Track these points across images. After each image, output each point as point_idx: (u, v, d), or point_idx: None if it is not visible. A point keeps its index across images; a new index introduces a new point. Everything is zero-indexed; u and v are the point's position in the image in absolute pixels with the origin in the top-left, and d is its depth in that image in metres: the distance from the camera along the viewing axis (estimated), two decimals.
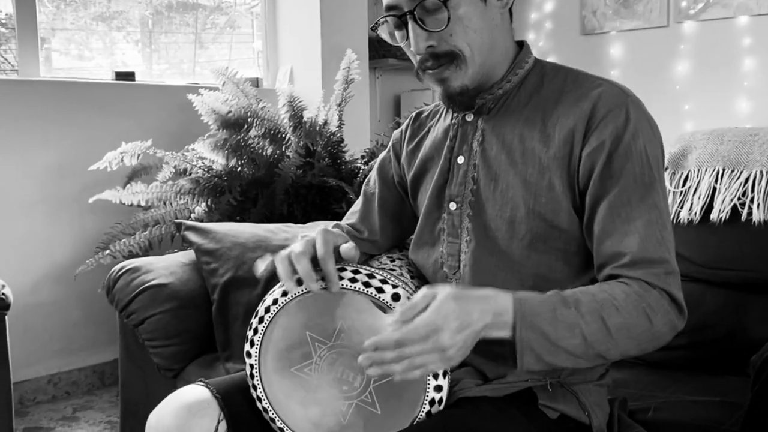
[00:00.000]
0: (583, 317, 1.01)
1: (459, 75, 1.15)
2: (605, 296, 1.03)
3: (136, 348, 1.84)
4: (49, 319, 2.85)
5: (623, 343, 1.03)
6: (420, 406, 1.07)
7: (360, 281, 1.07)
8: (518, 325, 1.00)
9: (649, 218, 1.07)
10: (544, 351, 1.00)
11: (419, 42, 1.13)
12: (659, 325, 1.04)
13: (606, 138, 1.09)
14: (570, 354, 1.02)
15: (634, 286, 1.04)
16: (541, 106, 1.17)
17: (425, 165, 1.31)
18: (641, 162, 1.09)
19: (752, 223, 1.54)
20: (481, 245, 1.19)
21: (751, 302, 1.57)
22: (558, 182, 1.12)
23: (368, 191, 1.43)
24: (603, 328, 1.01)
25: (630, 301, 1.02)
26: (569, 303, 1.02)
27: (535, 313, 1.00)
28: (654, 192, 1.08)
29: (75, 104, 2.83)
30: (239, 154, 2.59)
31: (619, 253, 1.07)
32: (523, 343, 1.00)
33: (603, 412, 1.22)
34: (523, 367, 1.01)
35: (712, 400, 1.38)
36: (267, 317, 1.12)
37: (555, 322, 1.00)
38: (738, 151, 1.59)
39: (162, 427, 1.16)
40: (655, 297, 1.04)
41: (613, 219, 1.08)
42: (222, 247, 1.82)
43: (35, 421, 2.66)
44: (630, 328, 1.02)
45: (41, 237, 2.80)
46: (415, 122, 1.37)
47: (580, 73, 1.19)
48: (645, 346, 1.05)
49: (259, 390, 1.15)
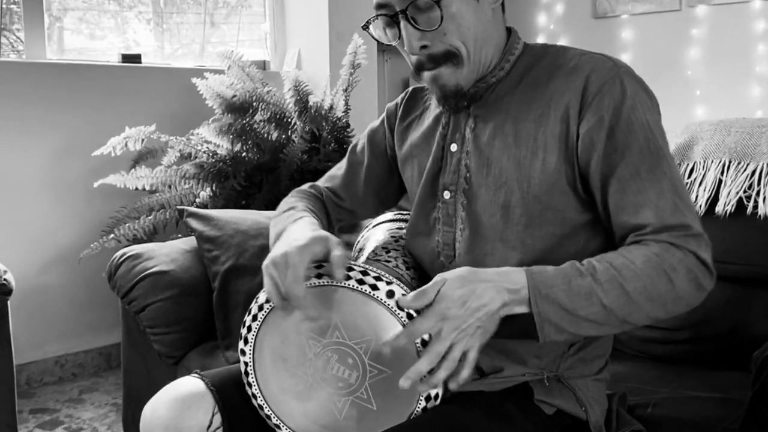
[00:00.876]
0: (600, 285, 1.01)
1: (455, 75, 1.14)
2: (623, 261, 1.02)
3: (138, 334, 1.85)
4: (55, 301, 2.87)
5: (646, 306, 1.02)
6: (416, 402, 1.06)
7: (354, 278, 1.06)
8: (533, 299, 1.00)
9: (661, 188, 1.05)
10: (564, 321, 1.01)
11: (412, 41, 1.12)
12: (682, 284, 1.02)
13: (604, 113, 1.08)
14: (592, 322, 1.02)
15: (655, 248, 1.03)
16: (532, 86, 1.15)
17: (413, 150, 1.30)
18: (644, 132, 1.07)
19: (758, 217, 1.52)
20: (475, 233, 1.18)
21: (756, 297, 1.55)
22: (554, 160, 1.11)
23: (355, 159, 1.41)
24: (622, 294, 1.01)
25: (650, 264, 1.01)
26: (584, 272, 1.02)
27: (549, 285, 1.01)
28: (662, 160, 1.07)
29: (81, 87, 2.83)
30: (244, 138, 2.58)
31: (638, 225, 1.06)
32: (541, 316, 1.00)
33: (601, 407, 1.21)
34: (545, 339, 1.02)
35: (713, 396, 1.36)
36: (261, 315, 1.11)
37: (570, 292, 1.00)
38: (745, 142, 1.57)
39: (156, 419, 1.16)
40: (678, 257, 1.02)
41: (625, 193, 1.06)
42: (224, 234, 1.81)
43: (42, 402, 2.69)
44: (650, 291, 1.01)
45: (47, 220, 2.81)
46: (411, 99, 1.35)
47: (568, 48, 1.18)
48: (670, 308, 1.04)
49: (254, 387, 1.14)
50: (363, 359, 1.07)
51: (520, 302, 1.01)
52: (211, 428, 1.16)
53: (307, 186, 1.45)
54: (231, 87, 2.67)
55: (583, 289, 1.01)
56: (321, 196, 1.41)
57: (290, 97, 2.71)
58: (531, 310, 1.01)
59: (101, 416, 2.56)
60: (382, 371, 1.06)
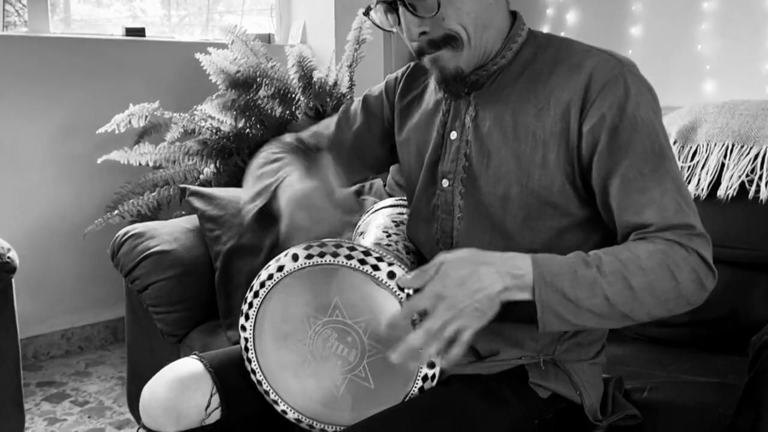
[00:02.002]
0: (605, 277, 1.00)
1: (454, 57, 1.13)
2: (628, 255, 1.02)
3: (141, 312, 1.86)
4: (62, 275, 2.89)
5: (648, 302, 1.02)
6: (413, 381, 1.08)
7: (356, 258, 1.07)
8: (537, 286, 0.99)
9: (665, 188, 1.05)
10: (566, 311, 1.00)
11: (411, 28, 1.11)
12: (685, 282, 1.02)
13: (606, 111, 1.07)
14: (593, 313, 1.01)
15: (660, 245, 1.02)
16: (534, 78, 1.14)
17: (411, 133, 1.29)
18: (648, 131, 1.06)
19: (759, 201, 1.51)
20: (473, 222, 1.18)
21: (756, 281, 1.55)
22: (553, 157, 1.10)
23: (346, 121, 1.39)
24: (626, 288, 1.00)
25: (654, 259, 1.01)
26: (590, 263, 1.01)
27: (554, 274, 1.00)
28: (665, 160, 1.06)
29: (84, 61, 2.82)
30: (248, 114, 2.57)
31: (641, 224, 1.05)
32: (543, 303, 1.00)
33: (596, 391, 1.22)
34: (545, 328, 1.01)
35: (709, 380, 1.37)
36: (262, 292, 1.12)
37: (575, 282, 1.00)
38: (749, 125, 1.55)
39: (155, 400, 1.18)
40: (682, 254, 1.02)
41: (628, 192, 1.06)
42: (226, 213, 1.82)
43: (49, 375, 2.72)
44: (654, 287, 1.01)
45: (52, 194, 2.82)
46: (411, 76, 1.33)
47: (573, 42, 1.16)
48: (672, 306, 1.03)
49: (253, 363, 1.15)
50: (362, 338, 1.09)
51: (523, 288, 1.00)
52: (209, 409, 1.18)
53: (291, 138, 1.42)
54: (234, 62, 2.65)
55: (588, 280, 1.00)
56: (306, 150, 1.38)
57: (294, 72, 2.69)
58: (533, 297, 1.00)
59: (107, 389, 2.59)
60: (380, 351, 1.08)
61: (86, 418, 2.38)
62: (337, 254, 1.08)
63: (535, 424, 1.14)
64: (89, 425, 2.33)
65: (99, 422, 2.35)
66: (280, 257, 1.12)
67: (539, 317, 1.01)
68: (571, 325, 1.02)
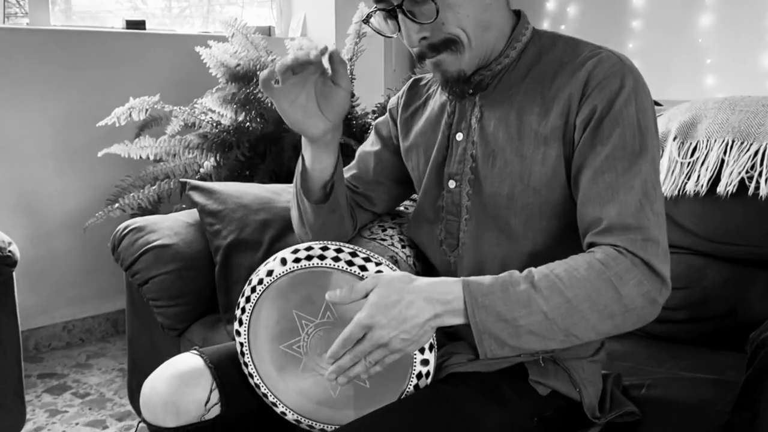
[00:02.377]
0: (539, 292, 0.99)
1: (456, 60, 1.13)
2: (565, 268, 1.01)
3: (142, 306, 1.87)
4: (63, 267, 2.90)
5: (591, 318, 0.99)
6: (407, 379, 1.08)
7: (343, 260, 1.08)
8: (470, 308, 0.99)
9: (633, 186, 1.04)
10: (504, 333, 0.99)
11: (411, 34, 1.11)
12: (631, 296, 0.99)
13: (598, 103, 1.07)
14: (534, 334, 0.99)
15: (599, 255, 1.01)
16: (539, 78, 1.14)
17: (417, 138, 1.30)
18: (632, 129, 1.06)
19: (759, 198, 1.51)
20: (480, 223, 1.18)
21: (754, 278, 1.55)
22: (554, 154, 1.11)
23: (364, 150, 1.41)
24: (563, 301, 0.98)
25: (593, 271, 0.99)
26: (523, 280, 1.00)
27: (485, 293, 0.99)
28: (642, 161, 1.05)
29: (85, 54, 2.82)
30: (248, 108, 2.57)
31: (597, 218, 1.04)
32: (479, 326, 0.99)
33: (595, 388, 1.22)
34: (486, 354, 1.00)
35: (707, 377, 1.37)
36: (254, 297, 1.13)
37: (508, 300, 0.99)
38: (749, 122, 1.55)
39: (155, 395, 1.19)
40: (625, 265, 0.99)
41: (597, 184, 1.05)
42: (226, 208, 1.82)
43: (50, 367, 2.73)
44: (595, 300, 0.99)
45: (54, 187, 2.82)
46: (412, 90, 1.35)
47: (578, 41, 1.17)
48: (619, 322, 1.01)
49: (250, 367, 1.16)
50: None
51: (454, 313, 1.00)
52: (209, 404, 1.18)
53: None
54: (235, 56, 2.65)
55: (522, 297, 0.99)
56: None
57: None
58: (468, 320, 1.00)
59: (108, 381, 2.60)
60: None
61: (87, 410, 2.39)
62: (324, 257, 1.09)
63: (534, 422, 1.14)
64: (90, 417, 2.34)
65: (100, 414, 2.36)
66: (269, 262, 1.14)
67: (477, 343, 1.00)
68: (512, 348, 1.01)
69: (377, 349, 0.99)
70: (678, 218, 1.61)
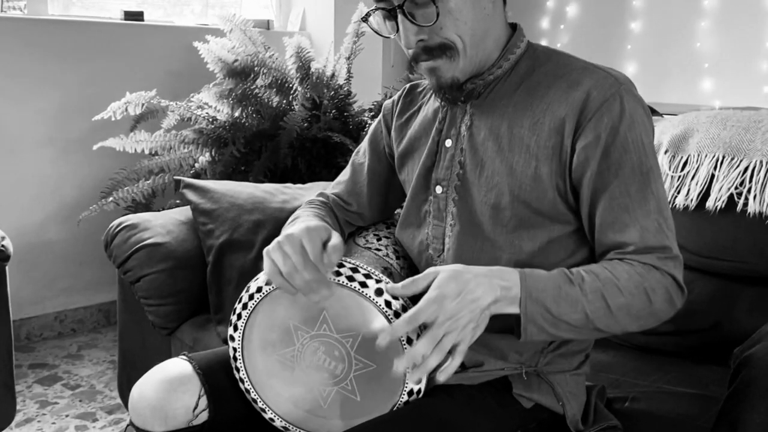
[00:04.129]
0: (586, 295, 1.05)
1: (451, 67, 1.14)
2: (608, 275, 1.06)
3: (133, 303, 1.88)
4: (56, 257, 2.90)
5: (623, 320, 1.07)
6: (398, 395, 1.10)
7: (344, 275, 1.08)
8: (524, 299, 1.03)
9: (648, 208, 1.08)
10: (547, 323, 1.04)
11: (409, 36, 1.11)
12: (659, 303, 1.07)
13: (602, 131, 1.08)
14: (571, 326, 1.06)
15: (638, 267, 1.07)
16: (531, 92, 1.15)
17: (413, 144, 1.30)
18: (638, 152, 1.09)
19: (747, 215, 1.52)
20: (465, 230, 1.19)
21: (740, 294, 1.56)
22: (546, 170, 1.12)
23: (357, 161, 1.42)
24: (605, 306, 1.05)
25: (632, 282, 1.06)
26: (573, 281, 1.06)
27: (540, 289, 1.04)
28: (652, 180, 1.10)
29: (82, 44, 2.82)
30: (244, 104, 2.58)
31: (621, 243, 1.09)
32: (527, 316, 1.03)
33: (578, 401, 1.24)
34: (526, 338, 1.05)
35: (690, 392, 1.39)
36: (251, 304, 1.14)
37: (559, 298, 1.04)
38: (740, 137, 1.56)
39: (144, 401, 1.20)
40: (657, 278, 1.07)
41: (614, 210, 1.09)
42: (219, 207, 1.83)
43: (41, 357, 2.74)
44: (630, 307, 1.06)
45: (49, 177, 2.82)
46: (408, 96, 1.36)
47: (572, 58, 1.17)
48: (644, 323, 1.09)
49: (242, 372, 1.17)
50: (349, 352, 1.10)
51: (511, 301, 1.03)
52: (197, 410, 1.20)
53: (316, 195, 1.45)
54: (232, 51, 2.65)
55: (571, 297, 1.05)
56: (328, 202, 1.42)
57: (292, 63, 2.69)
58: (519, 310, 1.03)
59: (99, 373, 2.61)
60: (367, 365, 1.10)
61: (77, 401, 2.40)
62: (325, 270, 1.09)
63: None
64: (81, 409, 2.35)
65: (90, 406, 2.37)
66: None
67: (522, 328, 1.04)
68: (548, 335, 1.06)
69: (450, 335, 0.98)
70: None
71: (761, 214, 1.51)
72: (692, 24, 3.57)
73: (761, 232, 1.51)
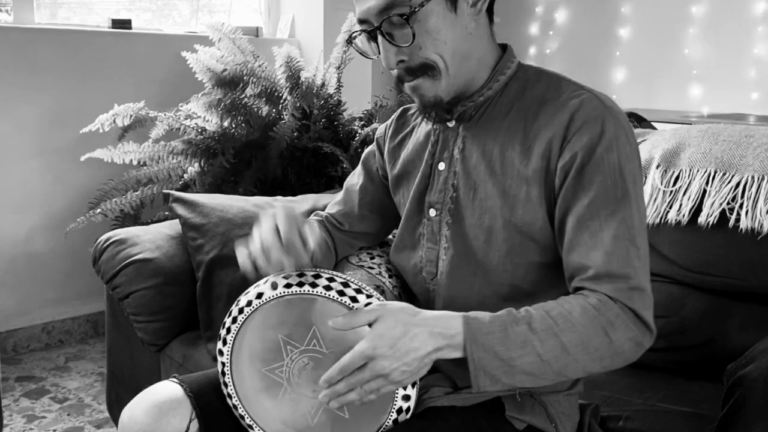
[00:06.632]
0: (536, 334, 1.00)
1: (433, 86, 1.13)
2: (560, 311, 1.02)
3: (122, 319, 1.86)
4: (43, 268, 2.88)
5: (582, 360, 1.02)
6: (387, 413, 1.09)
7: (335, 289, 1.08)
8: (468, 345, 1.00)
9: (617, 233, 1.04)
10: (499, 371, 1.00)
11: (389, 57, 1.11)
12: (620, 341, 1.02)
13: (578, 150, 1.07)
14: (527, 374, 1.01)
15: (593, 300, 1.02)
16: (522, 115, 1.14)
17: (406, 167, 1.30)
18: (614, 175, 1.06)
19: (739, 230, 1.52)
20: (458, 253, 1.18)
21: (732, 310, 1.56)
22: (536, 194, 1.11)
23: (351, 183, 1.43)
24: (558, 345, 1.00)
25: (587, 317, 1.01)
26: (521, 320, 1.01)
27: (485, 332, 1.00)
28: (626, 207, 1.06)
29: (69, 53, 2.80)
30: (234, 114, 2.56)
31: (584, 266, 1.05)
32: (475, 363, 1.00)
33: (572, 422, 1.23)
34: (479, 389, 1.01)
35: (684, 410, 1.38)
36: (240, 318, 1.13)
37: (506, 340, 1.00)
38: (732, 152, 1.56)
39: (134, 424, 1.18)
40: (616, 312, 1.01)
41: (581, 231, 1.06)
42: (209, 222, 1.81)
43: (28, 370, 2.71)
44: (587, 345, 1.01)
45: (36, 187, 2.80)
46: (400, 119, 1.36)
47: (563, 79, 1.16)
48: (607, 363, 1.04)
49: (230, 387, 1.17)
50: None
51: (455, 348, 1.01)
52: None
53: (312, 217, 1.45)
54: (221, 60, 2.63)
55: (519, 337, 1.00)
56: (323, 222, 1.42)
57: (282, 72, 2.68)
58: (465, 355, 1.01)
59: (87, 386, 2.59)
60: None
61: (65, 415, 2.38)
62: (315, 284, 1.09)
63: None
64: (68, 423, 2.33)
65: (78, 420, 2.35)
66: (260, 284, 1.13)
67: (472, 378, 1.01)
68: (503, 384, 1.02)
69: (376, 379, 0.99)
70: (659, 247, 1.62)
71: (753, 230, 1.51)
72: (680, 31, 3.58)
73: (753, 248, 1.51)
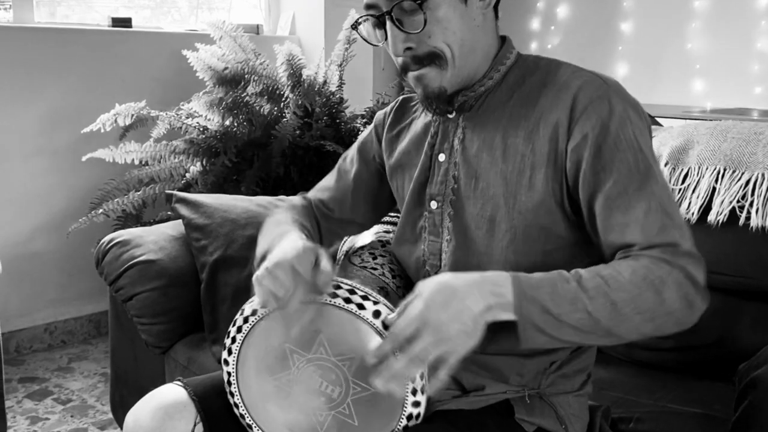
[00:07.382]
0: (586, 291, 0.98)
1: (438, 76, 1.12)
2: (610, 272, 0.99)
3: (126, 320, 1.85)
4: (45, 268, 2.86)
5: (634, 319, 0.98)
6: (397, 420, 1.07)
7: (341, 297, 1.06)
8: (517, 301, 0.97)
9: (649, 207, 1.02)
10: (547, 325, 0.97)
11: (397, 43, 1.10)
12: (671, 299, 0.98)
13: (589, 130, 1.05)
14: (576, 329, 0.98)
15: (644, 260, 0.99)
16: (523, 101, 1.13)
17: (402, 159, 1.28)
18: (633, 150, 1.04)
19: (750, 228, 1.50)
20: (461, 245, 1.17)
21: (743, 309, 1.54)
22: (541, 178, 1.09)
23: (344, 169, 1.40)
24: (608, 303, 0.97)
25: (637, 275, 0.98)
26: (570, 279, 0.99)
27: (533, 287, 0.98)
28: (651, 179, 1.04)
29: (70, 52, 2.78)
30: (235, 113, 2.54)
31: (624, 244, 1.03)
32: (524, 317, 0.97)
33: (582, 423, 1.22)
34: (527, 343, 0.98)
35: (695, 411, 1.37)
36: (246, 327, 1.11)
37: (555, 295, 0.97)
38: (741, 150, 1.54)
39: (139, 428, 1.17)
40: (666, 270, 0.98)
41: (612, 212, 1.04)
42: (212, 223, 1.79)
43: (31, 371, 2.70)
44: (638, 303, 0.97)
45: (38, 187, 2.78)
46: (400, 110, 1.34)
47: (561, 64, 1.15)
48: (660, 324, 0.99)
49: (236, 396, 1.15)
50: (347, 376, 1.08)
51: (504, 306, 0.98)
52: None
53: (298, 196, 1.43)
54: (222, 59, 2.61)
55: (569, 294, 0.98)
56: (311, 206, 1.40)
57: (283, 70, 2.66)
58: (514, 313, 0.98)
59: (90, 387, 2.57)
60: (365, 389, 1.07)
61: (69, 417, 2.37)
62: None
63: None
64: (72, 425, 2.32)
65: (82, 422, 2.34)
66: None
67: (520, 331, 0.98)
68: (552, 339, 0.99)
69: (435, 348, 0.94)
70: None
71: (764, 228, 1.49)
72: (683, 25, 3.56)
73: (764, 247, 1.49)
